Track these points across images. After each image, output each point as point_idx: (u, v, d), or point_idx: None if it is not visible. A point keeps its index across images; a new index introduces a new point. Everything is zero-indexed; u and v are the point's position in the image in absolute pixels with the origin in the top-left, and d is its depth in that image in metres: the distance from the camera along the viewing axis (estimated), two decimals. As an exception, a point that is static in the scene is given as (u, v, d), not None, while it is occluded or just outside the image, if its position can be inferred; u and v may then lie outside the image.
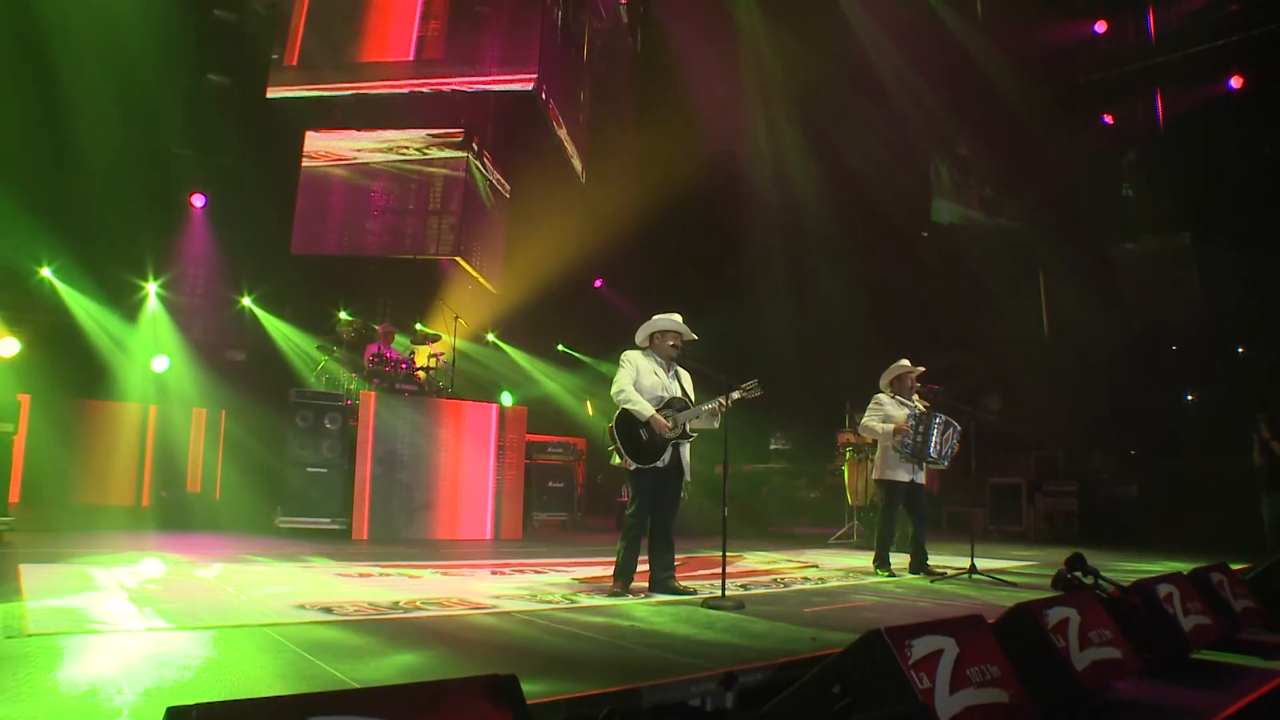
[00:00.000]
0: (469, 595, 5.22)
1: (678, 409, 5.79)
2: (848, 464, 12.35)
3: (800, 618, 4.88)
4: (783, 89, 15.82)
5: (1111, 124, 15.07)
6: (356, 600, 4.81)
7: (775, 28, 15.31)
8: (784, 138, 16.40)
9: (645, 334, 6.02)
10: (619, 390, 5.73)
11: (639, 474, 5.69)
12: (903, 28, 14.70)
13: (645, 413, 5.66)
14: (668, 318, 5.97)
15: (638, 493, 5.74)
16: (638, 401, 5.68)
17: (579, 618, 4.62)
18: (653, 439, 5.69)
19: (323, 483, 9.50)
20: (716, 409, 5.82)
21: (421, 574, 6.35)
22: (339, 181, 12.53)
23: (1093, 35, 15.27)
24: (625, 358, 5.90)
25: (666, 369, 5.95)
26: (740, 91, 16.04)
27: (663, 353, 5.95)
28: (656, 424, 5.66)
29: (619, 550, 5.74)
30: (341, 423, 9.73)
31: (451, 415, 10.46)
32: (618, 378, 5.80)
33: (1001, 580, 7.08)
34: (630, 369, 5.83)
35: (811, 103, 15.68)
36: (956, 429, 7.60)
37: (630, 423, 5.68)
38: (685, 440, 5.88)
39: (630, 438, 5.67)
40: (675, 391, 5.89)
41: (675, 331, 5.96)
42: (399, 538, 9.49)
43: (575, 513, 13.39)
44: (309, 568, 6.45)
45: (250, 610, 4.39)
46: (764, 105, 16.41)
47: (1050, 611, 3.74)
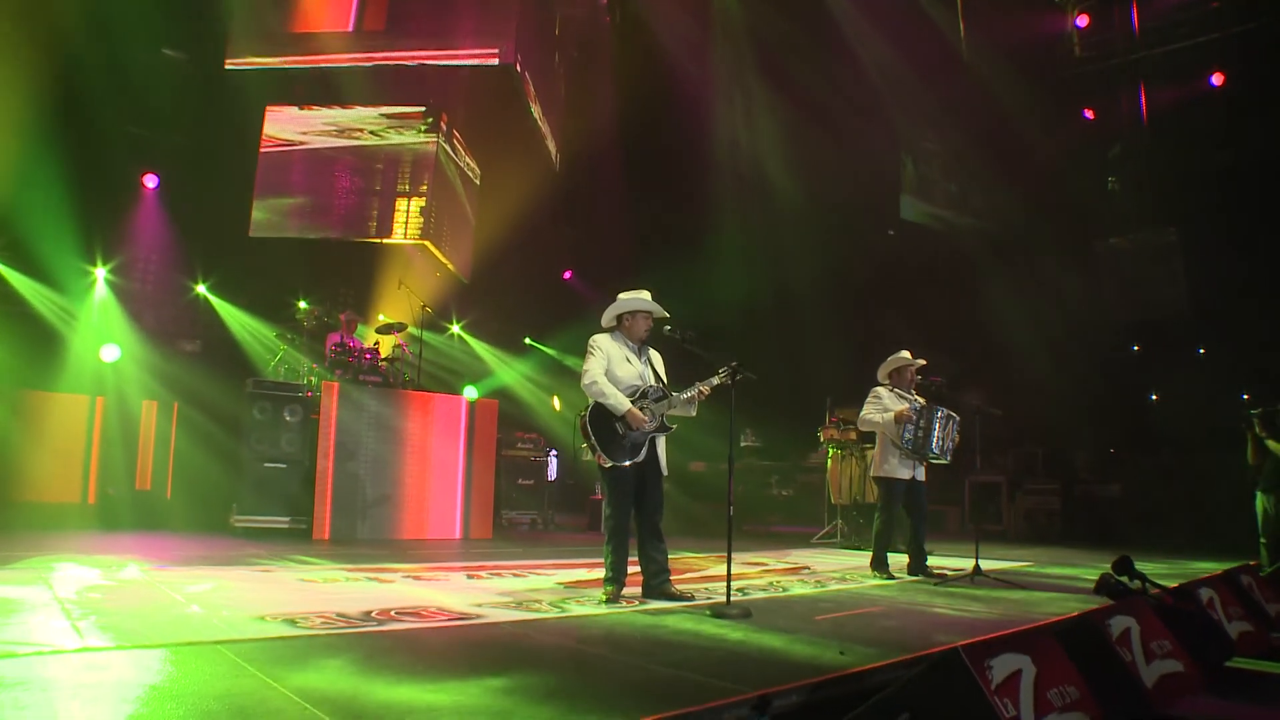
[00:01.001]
0: (448, 604, 4.73)
1: (654, 399, 5.33)
2: (830, 461, 11.99)
3: (815, 627, 4.46)
4: (760, 73, 15.42)
5: (1093, 118, 14.91)
6: (323, 610, 4.30)
7: (754, 6, 14.89)
8: (762, 126, 16.04)
9: (612, 315, 5.52)
10: (590, 381, 5.23)
11: (615, 472, 5.22)
12: (882, 13, 14.38)
13: (621, 406, 5.18)
14: (636, 296, 5.47)
15: (615, 492, 5.28)
16: (612, 394, 5.20)
17: (577, 630, 4.15)
18: (629, 433, 5.22)
19: (281, 479, 8.91)
20: (696, 397, 5.37)
21: (392, 579, 5.83)
22: (301, 161, 11.86)
23: (1074, 29, 15.11)
24: (594, 344, 5.39)
25: (639, 354, 5.48)
26: (717, 75, 15.62)
27: (634, 335, 5.47)
28: (633, 418, 5.19)
29: (606, 554, 5.27)
30: (302, 415, 9.14)
31: (419, 408, 9.91)
32: (587, 367, 5.29)
33: (1008, 582, 6.75)
34: (600, 357, 5.33)
35: (789, 91, 15.32)
36: (957, 421, 7.26)
37: (604, 417, 5.21)
38: (663, 433, 5.42)
39: (605, 433, 5.20)
40: (650, 379, 5.44)
41: (646, 311, 5.48)
42: (363, 537, 8.94)
43: (545, 510, 12.95)
44: (268, 572, 5.89)
45: (204, 624, 3.85)
46: (742, 91, 16.01)
47: (1112, 622, 3.37)
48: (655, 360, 5.58)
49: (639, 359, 5.47)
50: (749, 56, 15.44)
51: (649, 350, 5.57)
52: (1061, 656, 2.85)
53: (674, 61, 14.64)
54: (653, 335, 5.52)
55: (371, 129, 12.06)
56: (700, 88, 15.26)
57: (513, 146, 13.47)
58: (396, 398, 9.77)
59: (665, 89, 14.53)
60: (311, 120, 12.00)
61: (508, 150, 13.59)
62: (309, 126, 11.96)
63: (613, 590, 5.18)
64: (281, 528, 8.73)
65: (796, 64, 14.96)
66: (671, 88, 14.69)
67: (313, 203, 11.81)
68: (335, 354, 10.11)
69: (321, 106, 11.98)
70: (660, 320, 5.54)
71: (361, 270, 12.66)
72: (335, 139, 11.95)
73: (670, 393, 5.36)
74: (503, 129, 13.08)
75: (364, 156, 12.00)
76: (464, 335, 15.43)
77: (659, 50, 14.11)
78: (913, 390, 7.46)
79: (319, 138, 11.93)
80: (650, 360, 5.54)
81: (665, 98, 14.70)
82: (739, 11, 14.88)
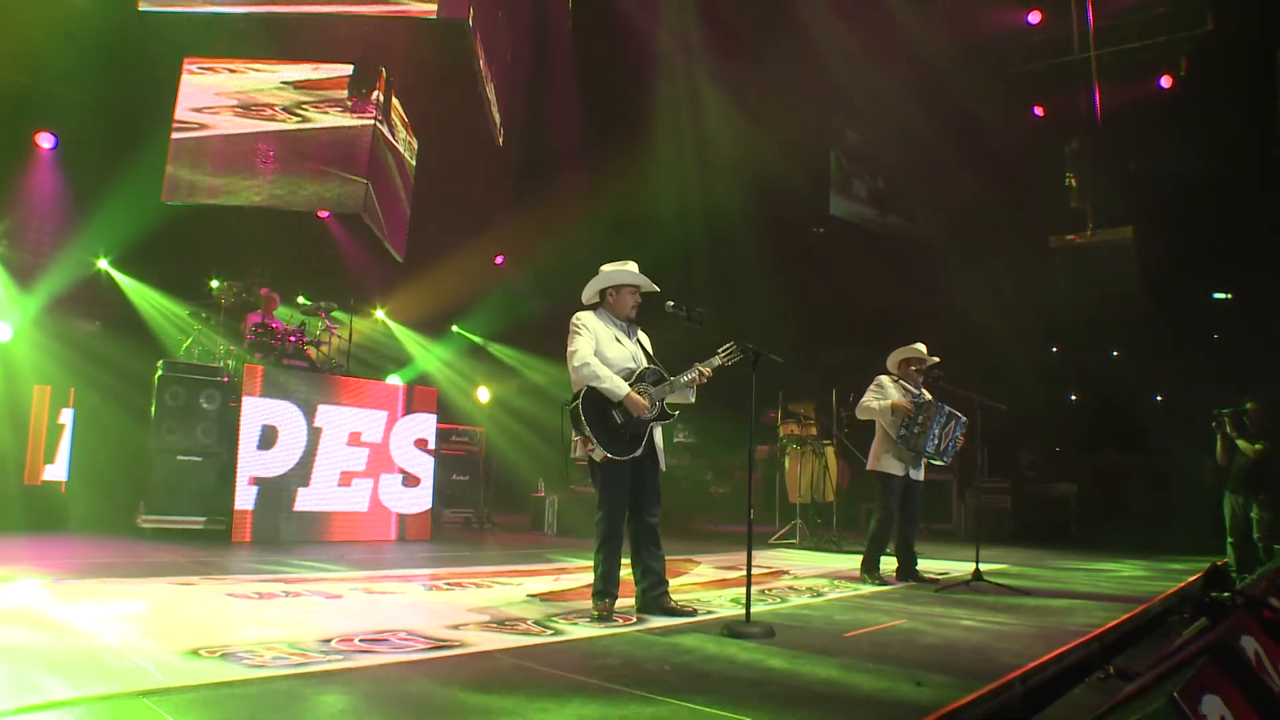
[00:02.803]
0: (418, 626, 3.95)
1: (652, 382, 4.66)
2: (788, 458, 11.49)
3: (854, 648, 3.85)
4: (708, 57, 14.83)
5: (1043, 115, 14.82)
6: (269, 638, 3.48)
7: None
8: (707, 114, 15.46)
9: (595, 290, 4.84)
10: (581, 363, 4.52)
11: (612, 468, 4.53)
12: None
13: (619, 391, 4.51)
14: (622, 268, 4.81)
15: (610, 491, 4.58)
16: (607, 377, 4.52)
17: (587, 659, 3.44)
18: (628, 422, 4.54)
19: (196, 473, 7.92)
20: (698, 378, 4.72)
21: (338, 592, 5.00)
22: (223, 121, 10.68)
23: (1026, 26, 14.97)
24: (579, 322, 4.69)
25: (628, 333, 4.81)
26: (665, 59, 14.97)
27: (621, 312, 4.80)
28: (633, 404, 4.51)
29: (597, 563, 4.56)
30: (220, 402, 8.14)
31: (352, 395, 9.01)
32: (575, 347, 4.59)
33: (1009, 588, 6.31)
34: (588, 336, 4.63)
35: (734, 76, 14.79)
36: (961, 422, 6.78)
37: (599, 404, 4.51)
38: (663, 421, 4.75)
39: (600, 423, 4.50)
40: (643, 360, 4.77)
41: (633, 285, 4.81)
42: (289, 539, 8.04)
43: (482, 509, 12.14)
44: (190, 585, 4.98)
45: (120, 663, 3.00)
46: (688, 75, 15.40)
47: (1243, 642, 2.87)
48: (644, 340, 4.91)
49: (629, 339, 4.79)
50: (696, 41, 14.83)
51: (638, 329, 4.89)
52: (1234, 691, 2.34)
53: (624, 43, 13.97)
54: (655, 313, 4.83)
55: (309, 88, 10.93)
56: (648, 72, 14.62)
57: (455, 119, 12.52)
58: (328, 384, 8.85)
59: (616, 69, 13.85)
60: (234, 92, 10.80)
61: (450, 122, 12.63)
62: (232, 98, 10.77)
63: (604, 605, 4.49)
64: (196, 529, 7.73)
65: (743, 49, 14.44)
66: (621, 69, 14.03)
67: (234, 168, 10.63)
68: (256, 335, 9.12)
69: (247, 64, 10.79)
70: (656, 296, 4.85)
71: (286, 244, 11.58)
72: (261, 122, 10.77)
73: (668, 375, 4.69)
74: (446, 97, 12.12)
75: (295, 119, 10.88)
76: (387, 320, 14.46)
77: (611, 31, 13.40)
78: (921, 386, 6.96)
79: (243, 121, 10.76)
80: (640, 340, 4.86)
81: (614, 79, 14.01)
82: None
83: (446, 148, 13.09)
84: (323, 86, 11.17)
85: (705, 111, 14.69)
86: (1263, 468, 8.49)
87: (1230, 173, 12.74)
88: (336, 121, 11.09)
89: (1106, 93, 13.92)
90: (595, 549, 4.58)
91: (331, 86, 11.16)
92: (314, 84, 11.17)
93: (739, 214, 14.97)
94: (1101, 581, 7.40)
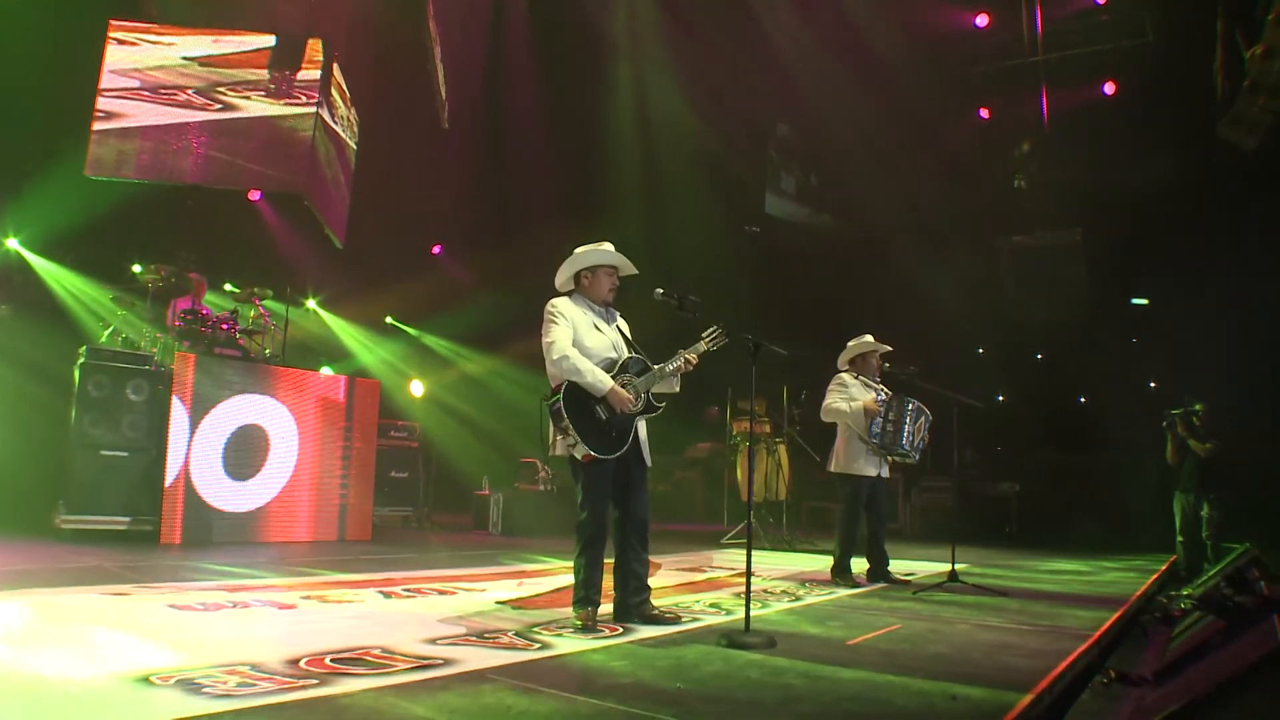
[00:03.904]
0: (391, 641, 3.57)
1: (636, 373, 4.37)
2: (740, 455, 11.30)
3: (867, 658, 3.61)
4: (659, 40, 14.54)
5: (989, 118, 14.96)
6: (226, 657, 3.08)
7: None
8: (653, 101, 15.18)
9: (570, 273, 4.52)
10: (561, 355, 4.19)
11: (595, 466, 4.22)
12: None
13: (602, 384, 4.20)
14: (597, 248, 4.48)
15: (594, 491, 4.26)
16: (589, 370, 4.21)
17: (585, 675, 3.13)
18: (613, 418, 4.24)
19: (122, 470, 7.31)
20: (684, 366, 4.45)
21: (290, 600, 4.57)
22: (154, 88, 9.92)
23: (973, 28, 15.09)
24: (555, 309, 4.35)
25: (606, 318, 4.51)
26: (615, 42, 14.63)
27: (598, 296, 4.49)
28: (617, 398, 4.22)
29: (579, 568, 4.24)
30: (149, 393, 7.54)
31: (291, 387, 8.49)
32: (552, 338, 4.25)
33: (987, 588, 6.22)
34: (564, 325, 4.30)
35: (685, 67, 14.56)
36: (928, 417, 6.66)
37: (581, 399, 4.20)
38: (648, 415, 4.45)
39: (584, 419, 4.18)
40: (624, 349, 4.47)
41: (610, 266, 4.51)
42: (222, 541, 7.50)
43: (421, 507, 11.70)
44: (122, 594, 4.48)
45: (52, 698, 2.57)
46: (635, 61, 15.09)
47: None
48: (623, 326, 4.60)
49: (608, 325, 4.48)
50: (648, 26, 14.52)
51: (616, 314, 4.58)
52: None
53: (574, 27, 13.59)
54: (643, 300, 4.53)
55: (247, 56, 10.19)
56: (598, 55, 14.28)
57: (400, 95, 11.94)
58: (265, 375, 8.30)
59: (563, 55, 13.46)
60: (170, 40, 10.02)
61: (394, 99, 12.03)
62: (166, 48, 9.99)
63: (588, 614, 4.18)
64: (121, 529, 7.14)
65: (691, 33, 14.21)
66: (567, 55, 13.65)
67: (165, 140, 9.87)
68: (185, 322, 8.50)
69: (180, 30, 10.04)
70: (634, 281, 4.55)
71: (213, 226, 10.89)
72: (177, 109, 10.01)
73: (651, 364, 4.40)
74: (393, 70, 11.53)
75: (231, 90, 10.15)
76: (318, 309, 13.83)
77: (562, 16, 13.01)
78: (878, 379, 6.82)
79: (178, 63, 10.01)
80: (620, 326, 4.56)
81: (562, 64, 13.63)
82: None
83: (387, 126, 12.47)
84: (232, 64, 10.40)
85: (656, 99, 14.42)
86: (1212, 467, 8.64)
87: (1166, 179, 13.05)
88: (268, 110, 10.37)
89: (1053, 96, 14.13)
90: (576, 553, 4.26)
91: (242, 64, 10.42)
92: (221, 61, 10.40)
93: (692, 205, 14.76)
94: (1069, 581, 7.38)
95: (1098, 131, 13.51)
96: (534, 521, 10.67)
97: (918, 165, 14.65)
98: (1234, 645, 3.15)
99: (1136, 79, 13.50)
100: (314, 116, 10.34)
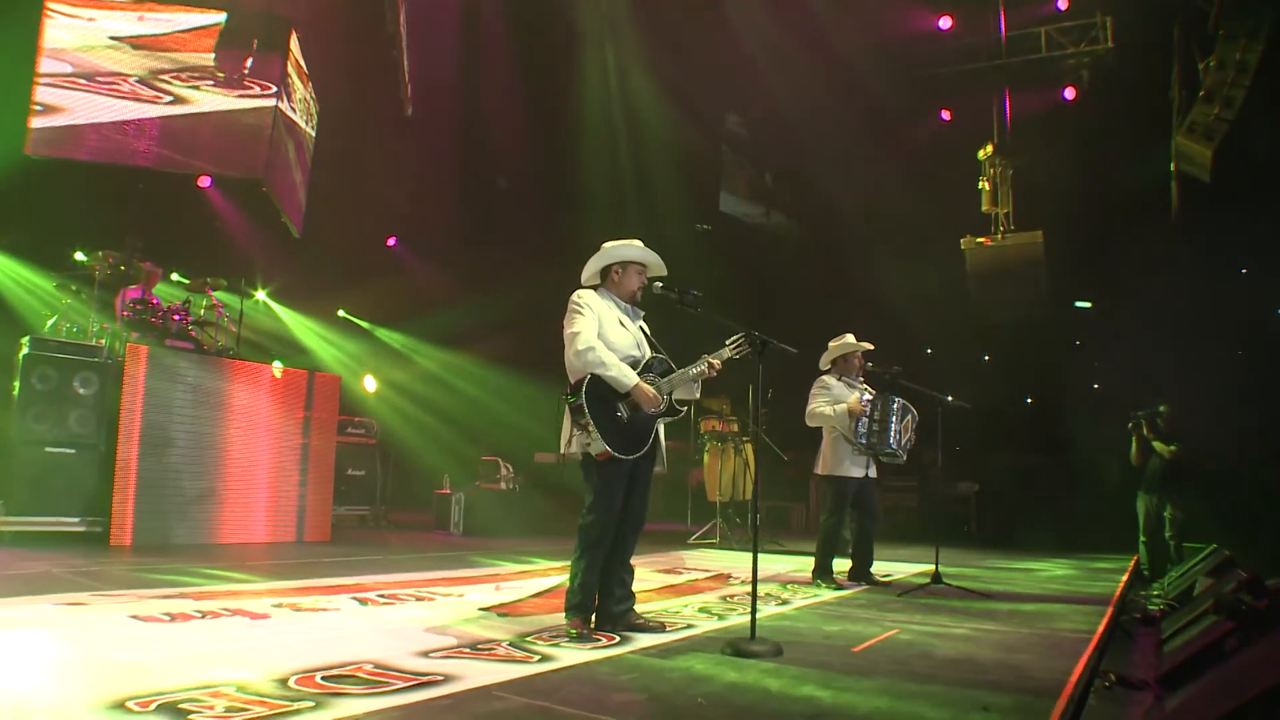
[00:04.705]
0: (382, 655, 3.34)
1: (659, 373, 4.20)
2: (707, 455, 11.17)
3: (873, 666, 3.49)
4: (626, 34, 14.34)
5: (950, 119, 15.06)
6: (207, 676, 2.82)
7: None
8: (616, 101, 14.99)
9: (598, 267, 4.33)
10: (586, 346, 4.00)
11: (611, 466, 4.03)
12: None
13: (627, 380, 4.02)
14: (629, 244, 4.31)
15: (605, 492, 4.06)
16: (614, 364, 4.02)
17: (598, 692, 2.94)
18: (635, 417, 4.06)
19: (69, 468, 6.93)
20: (706, 371, 4.30)
21: (260, 609, 4.29)
22: (89, 75, 9.36)
23: (936, 30, 15.17)
24: (580, 300, 4.16)
25: (631, 316, 4.32)
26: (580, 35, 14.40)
27: (625, 293, 4.30)
28: (642, 396, 4.04)
29: (576, 571, 4.05)
30: (98, 386, 7.14)
31: (248, 382, 8.16)
32: (576, 329, 4.05)
33: (971, 591, 6.17)
34: (590, 317, 4.11)
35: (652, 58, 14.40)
36: (914, 415, 6.60)
37: (605, 394, 4.01)
38: (670, 418, 4.28)
39: (605, 416, 3.99)
40: (647, 349, 4.30)
41: (640, 263, 4.33)
42: (178, 542, 7.16)
43: (378, 506, 11.39)
44: (79, 605, 4.16)
45: None
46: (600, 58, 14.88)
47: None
48: (645, 327, 4.41)
49: (632, 323, 4.29)
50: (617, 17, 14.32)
51: (641, 314, 4.39)
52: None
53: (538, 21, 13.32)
54: (643, 299, 4.35)
55: (202, 34, 9.67)
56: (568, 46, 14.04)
57: (363, 81, 11.51)
58: (221, 369, 7.95)
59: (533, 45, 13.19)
60: (117, 14, 9.46)
61: (356, 84, 11.60)
62: (112, 21, 9.44)
63: (582, 622, 4.00)
64: (69, 531, 6.74)
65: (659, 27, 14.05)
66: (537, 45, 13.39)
67: (111, 125, 9.36)
68: (134, 312, 8.10)
69: (100, 3, 9.43)
70: (651, 277, 4.37)
71: (160, 212, 10.40)
72: (147, 41, 9.49)
73: (675, 366, 4.23)
74: (356, 55, 11.11)
75: (186, 69, 9.62)
76: (269, 301, 13.37)
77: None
78: (861, 379, 6.73)
79: (127, 37, 9.46)
80: (643, 326, 4.37)
81: (532, 54, 13.36)
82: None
83: (347, 109, 12.02)
84: (168, 46, 9.72)
85: (625, 91, 14.23)
86: (1176, 469, 8.75)
87: (1121, 186, 13.28)
88: (221, 103, 9.80)
89: (1015, 101, 14.28)
90: (576, 555, 4.06)
91: (181, 46, 9.77)
92: (154, 43, 9.72)
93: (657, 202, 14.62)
94: (1045, 582, 7.39)
95: (1058, 136, 13.68)
96: (496, 521, 10.44)
97: (878, 165, 14.70)
98: (1261, 651, 3.08)
99: (1096, 86, 13.73)
100: (273, 111, 9.89)
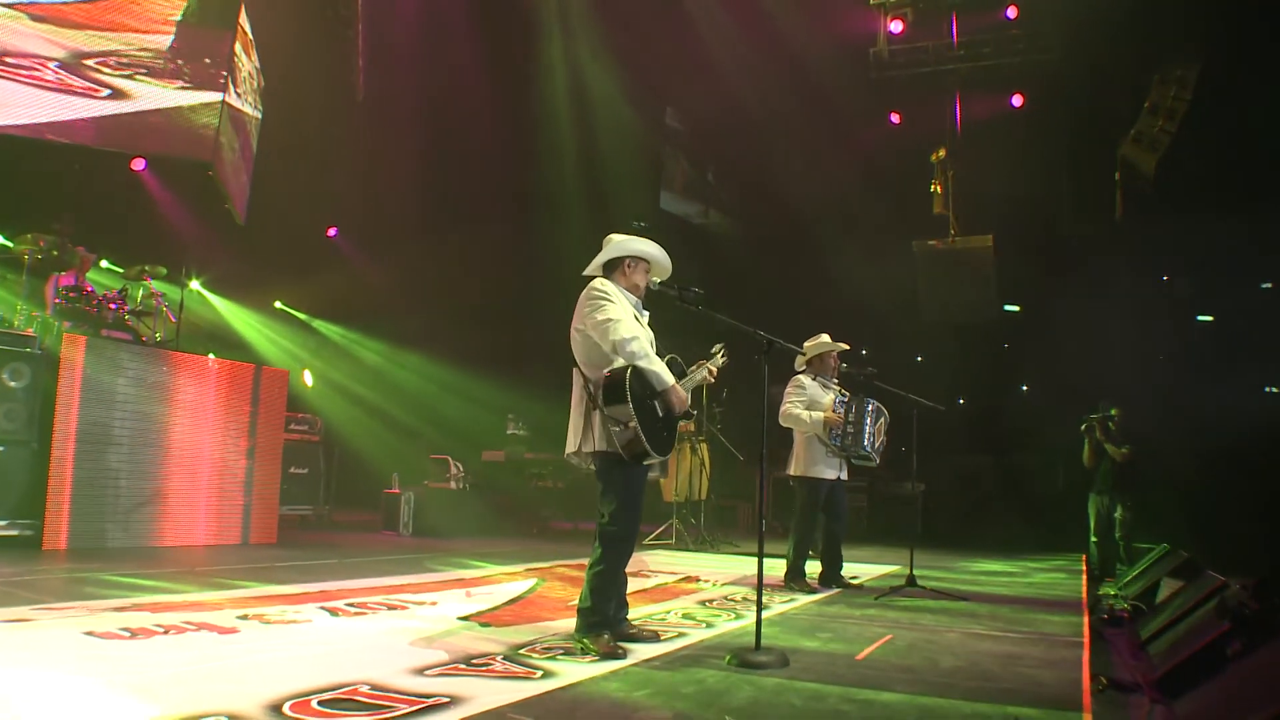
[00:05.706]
0: (374, 673, 3.10)
1: (677, 374, 4.01)
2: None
3: (883, 675, 3.40)
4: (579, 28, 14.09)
5: (899, 123, 15.19)
6: (192, 705, 2.55)
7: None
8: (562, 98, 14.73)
9: (607, 258, 4.07)
10: (631, 335, 3.71)
11: (638, 467, 3.80)
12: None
13: (667, 379, 3.80)
14: (639, 240, 4.10)
15: (631, 495, 3.81)
16: (656, 361, 3.80)
17: (621, 713, 2.76)
18: (668, 416, 3.84)
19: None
20: (706, 378, 4.18)
21: (227, 624, 3.99)
22: (35, 30, 8.72)
23: (889, 33, 15.26)
24: (605, 290, 3.88)
25: (641, 313, 4.11)
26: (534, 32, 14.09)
27: (634, 290, 4.07)
28: (677, 398, 3.83)
29: (600, 585, 3.75)
30: (30, 379, 6.66)
31: (192, 375, 7.75)
32: (610, 315, 3.76)
33: (947, 593, 6.16)
34: (622, 305, 3.88)
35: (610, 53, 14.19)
36: (886, 417, 6.57)
37: (644, 390, 3.73)
38: (683, 420, 4.09)
39: (647, 412, 3.71)
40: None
41: (648, 261, 4.11)
42: (116, 546, 6.75)
43: (322, 505, 11.00)
44: (24, 621, 3.80)
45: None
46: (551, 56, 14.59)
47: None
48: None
49: (644, 320, 4.08)
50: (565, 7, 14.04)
51: (646, 313, 4.17)
52: None
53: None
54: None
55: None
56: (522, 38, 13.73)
57: (315, 57, 11.00)
58: (163, 361, 7.51)
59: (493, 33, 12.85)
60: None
61: (307, 60, 11.06)
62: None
63: (606, 640, 3.69)
64: (-3, 535, 6.26)
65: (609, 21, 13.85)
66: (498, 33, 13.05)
67: (47, 91, 8.73)
68: (68, 300, 7.59)
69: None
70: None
71: (96, 194, 9.82)
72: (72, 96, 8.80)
73: (686, 369, 4.07)
74: (309, 28, 10.60)
75: (129, 39, 9.04)
76: (203, 290, 12.79)
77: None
78: (835, 380, 6.67)
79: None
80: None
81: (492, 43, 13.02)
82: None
83: (295, 89, 11.49)
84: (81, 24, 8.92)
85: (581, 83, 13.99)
86: (1127, 471, 8.95)
87: (1069, 191, 13.59)
88: (164, 99, 9.21)
89: (966, 105, 14.46)
90: (599, 567, 3.75)
91: (99, 24, 9.06)
92: (60, 18, 8.90)
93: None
94: (1009, 583, 7.46)
95: (1007, 141, 13.91)
96: (447, 521, 10.17)
97: (827, 164, 14.77)
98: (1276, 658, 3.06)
99: (1042, 93, 14.00)
100: (220, 106, 9.36)
